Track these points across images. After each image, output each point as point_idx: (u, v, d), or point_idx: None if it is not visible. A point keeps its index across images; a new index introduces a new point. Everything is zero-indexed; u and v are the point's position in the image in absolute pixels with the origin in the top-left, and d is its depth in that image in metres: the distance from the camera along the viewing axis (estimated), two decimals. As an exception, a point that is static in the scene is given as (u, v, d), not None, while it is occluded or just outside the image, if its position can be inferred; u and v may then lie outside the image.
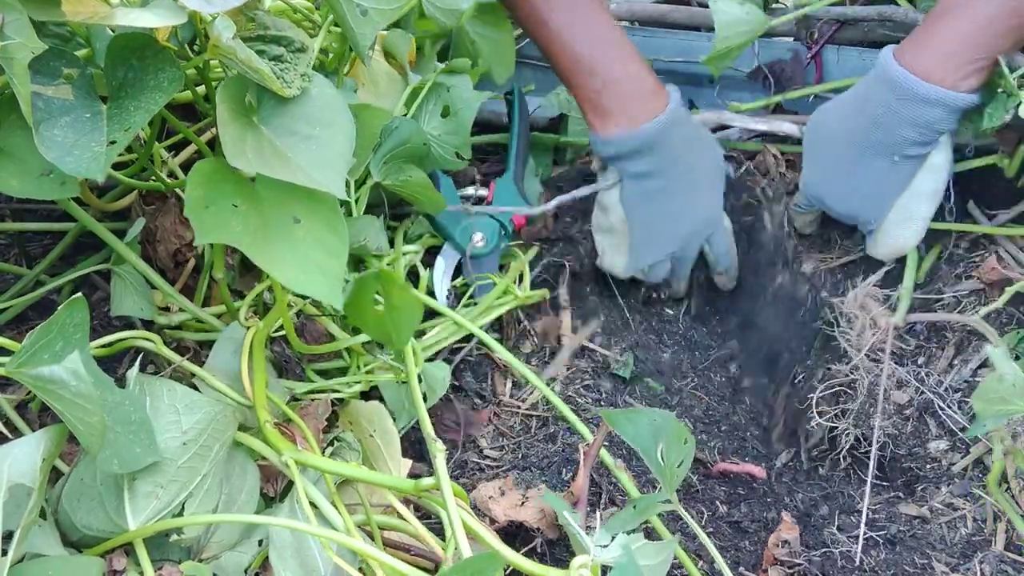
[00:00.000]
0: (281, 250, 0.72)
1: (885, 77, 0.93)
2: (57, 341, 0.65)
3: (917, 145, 0.92)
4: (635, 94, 1.00)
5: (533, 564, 0.70)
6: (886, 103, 0.92)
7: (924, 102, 0.90)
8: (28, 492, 0.65)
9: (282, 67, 0.73)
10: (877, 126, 0.94)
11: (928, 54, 0.90)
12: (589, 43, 1.00)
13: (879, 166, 0.95)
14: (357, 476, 0.76)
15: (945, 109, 0.90)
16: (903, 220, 0.98)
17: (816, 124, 1.04)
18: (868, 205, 0.99)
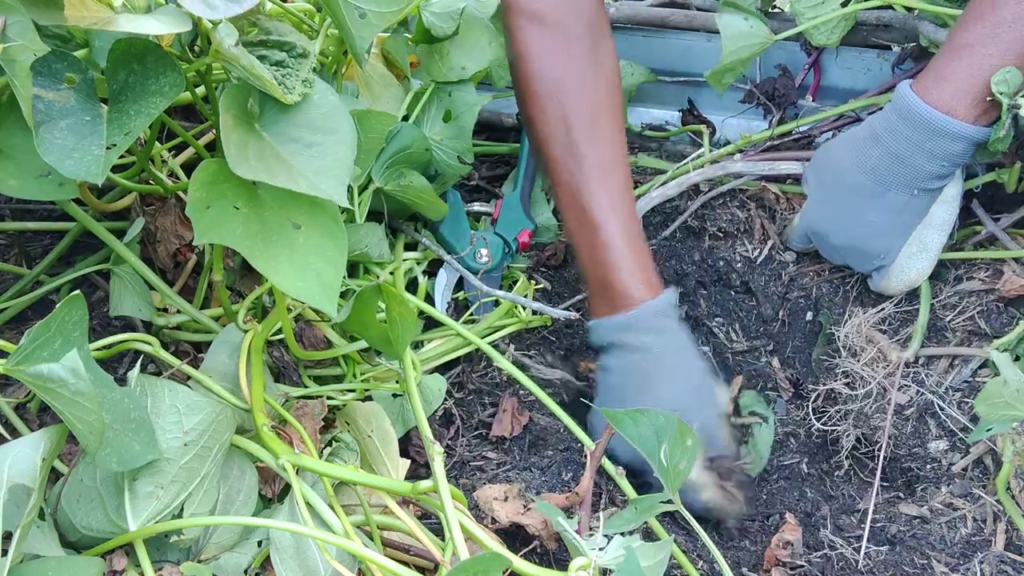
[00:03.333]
0: (279, 255, 0.72)
1: (907, 113, 0.93)
2: (56, 339, 0.65)
3: (937, 179, 0.93)
4: (623, 288, 0.96)
5: (531, 566, 0.70)
6: (908, 139, 0.93)
7: (951, 138, 0.91)
8: (28, 492, 0.65)
9: (284, 73, 0.73)
10: (898, 161, 0.94)
11: (950, 90, 0.91)
12: (586, 240, 0.98)
13: (898, 199, 0.95)
14: (354, 479, 0.76)
15: (968, 143, 0.91)
16: (916, 252, 0.98)
17: (823, 159, 1.03)
18: (883, 238, 0.98)
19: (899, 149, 0.94)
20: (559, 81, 0.97)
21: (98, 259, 1.01)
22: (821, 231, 1.03)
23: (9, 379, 0.90)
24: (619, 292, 0.96)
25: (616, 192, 0.97)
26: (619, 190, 0.97)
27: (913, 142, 0.92)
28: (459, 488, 0.90)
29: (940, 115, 0.90)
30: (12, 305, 0.95)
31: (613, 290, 0.96)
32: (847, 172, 0.99)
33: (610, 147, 0.97)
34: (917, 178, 0.93)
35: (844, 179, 0.99)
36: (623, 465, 0.91)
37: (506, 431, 0.99)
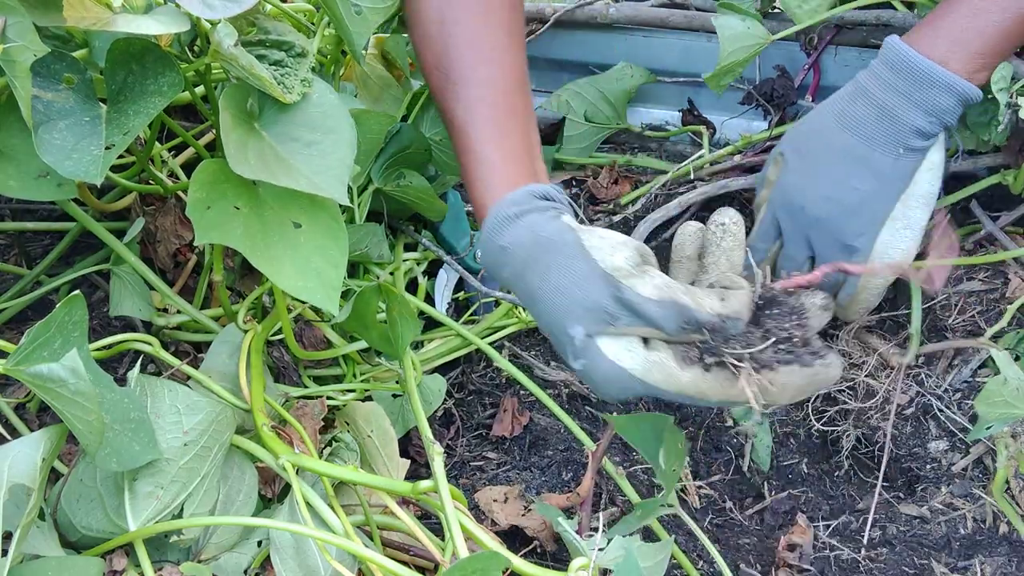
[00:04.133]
0: (280, 254, 0.73)
1: (897, 63, 0.88)
2: (56, 339, 0.65)
3: (923, 136, 0.88)
4: (487, 184, 0.81)
5: (531, 566, 0.70)
6: (897, 89, 0.88)
7: (941, 89, 0.86)
8: (28, 492, 0.65)
9: (283, 72, 0.73)
10: (885, 114, 0.88)
11: (944, 42, 0.87)
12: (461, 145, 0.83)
13: (884, 161, 0.89)
14: (354, 479, 0.76)
15: (958, 99, 0.86)
16: (901, 229, 0.90)
17: (803, 126, 0.95)
18: (866, 208, 0.89)
19: (887, 100, 0.88)
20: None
21: (98, 259, 1.01)
22: (796, 203, 0.91)
23: (9, 379, 0.90)
24: (477, 196, 0.80)
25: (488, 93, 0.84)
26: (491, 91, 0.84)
27: (901, 92, 0.88)
28: (459, 488, 0.90)
29: (932, 64, 0.86)
30: (12, 305, 0.95)
31: (473, 197, 0.81)
32: (830, 133, 0.91)
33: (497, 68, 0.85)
34: (904, 133, 0.88)
35: (827, 141, 0.91)
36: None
37: (506, 431, 0.99)
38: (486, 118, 0.84)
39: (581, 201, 1.25)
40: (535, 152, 0.84)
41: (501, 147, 0.82)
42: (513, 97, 0.86)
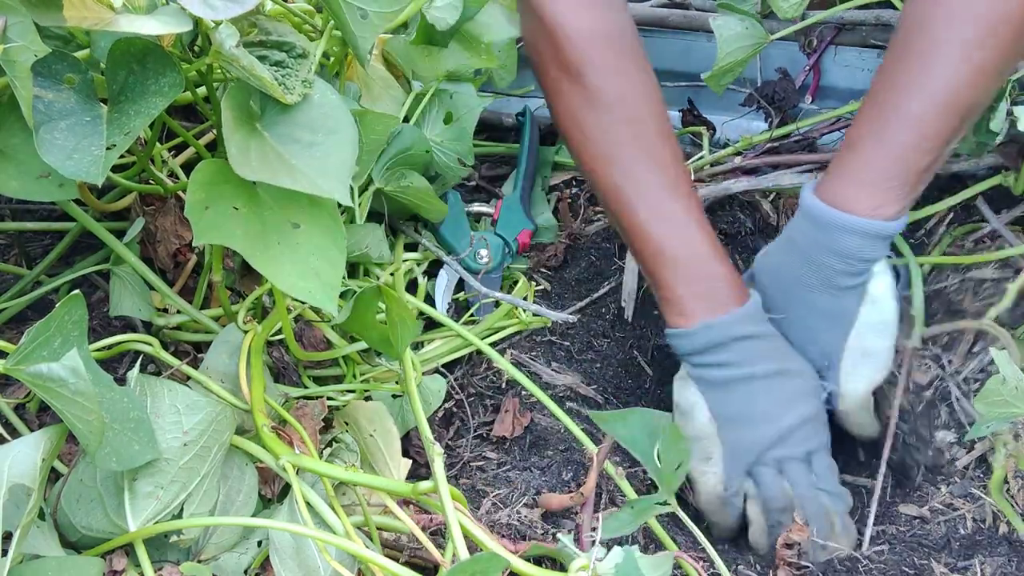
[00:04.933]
0: (279, 255, 0.73)
1: (805, 212, 0.92)
2: (55, 338, 0.65)
3: (847, 275, 0.90)
4: (721, 289, 0.92)
5: (531, 566, 0.70)
6: (812, 237, 0.91)
7: (843, 231, 0.89)
8: (27, 492, 0.65)
9: (283, 73, 0.73)
10: (806, 261, 0.92)
11: (842, 185, 0.90)
12: (668, 230, 0.93)
13: (821, 299, 0.92)
14: (354, 480, 0.76)
15: (863, 236, 0.88)
16: (861, 359, 0.93)
17: (760, 272, 0.99)
18: (821, 340, 0.94)
19: (805, 250, 0.92)
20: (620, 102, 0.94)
21: (98, 259, 1.01)
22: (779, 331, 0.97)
23: (9, 379, 0.90)
24: (727, 289, 0.92)
25: (686, 180, 0.95)
26: (687, 179, 0.96)
27: (815, 241, 0.91)
28: (459, 488, 0.90)
29: (828, 208, 0.89)
30: (12, 305, 0.96)
31: (719, 288, 0.92)
32: (779, 277, 0.96)
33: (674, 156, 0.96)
34: (829, 277, 0.91)
35: (776, 285, 0.96)
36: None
37: (507, 431, 0.99)
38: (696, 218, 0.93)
39: (581, 201, 1.25)
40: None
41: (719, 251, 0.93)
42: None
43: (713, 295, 0.91)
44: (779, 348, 0.93)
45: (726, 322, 0.90)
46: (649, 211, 0.92)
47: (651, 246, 0.93)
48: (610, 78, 0.93)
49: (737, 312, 0.91)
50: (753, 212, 1.17)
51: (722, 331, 0.90)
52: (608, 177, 0.93)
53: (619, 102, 0.94)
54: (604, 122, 0.93)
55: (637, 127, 0.94)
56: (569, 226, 1.20)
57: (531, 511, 0.89)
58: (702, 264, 0.92)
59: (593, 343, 1.10)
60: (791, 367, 0.92)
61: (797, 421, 0.90)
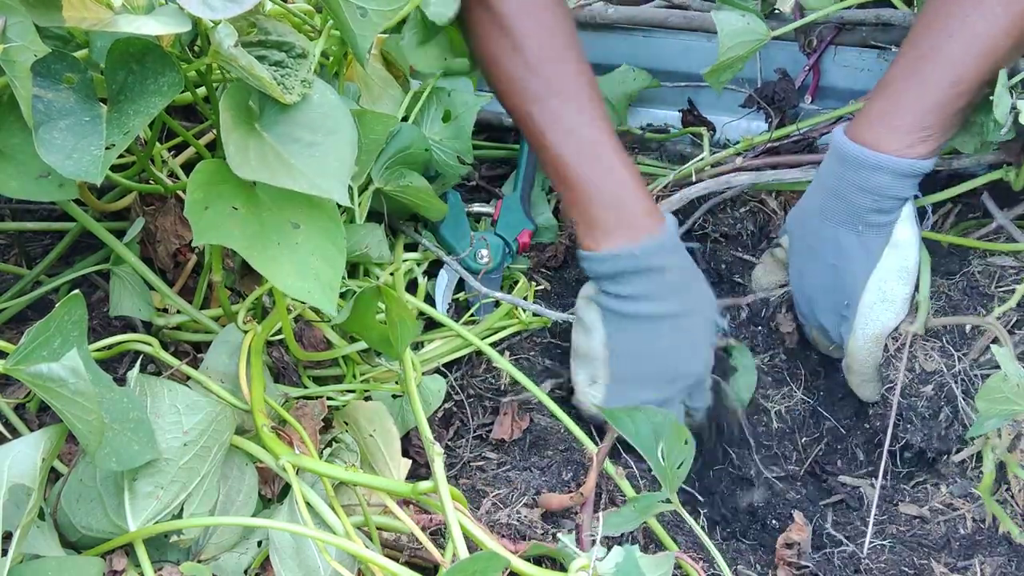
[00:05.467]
0: (278, 255, 0.73)
1: (837, 152, 0.96)
2: (55, 338, 0.65)
3: (875, 213, 0.94)
4: (631, 214, 0.94)
5: (531, 566, 0.70)
6: (841, 175, 0.95)
7: (873, 169, 0.92)
8: (27, 492, 0.65)
9: (283, 73, 0.73)
10: (836, 197, 0.95)
11: (874, 125, 0.93)
12: (585, 162, 0.95)
13: (847, 239, 0.96)
14: (354, 480, 0.76)
15: (893, 175, 0.92)
16: (878, 301, 0.95)
17: (790, 220, 1.04)
18: (845, 282, 0.97)
19: (834, 186, 0.95)
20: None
21: (98, 259, 1.01)
22: (798, 281, 1.02)
23: (9, 379, 0.90)
24: (638, 215, 0.94)
25: (600, 113, 0.97)
26: (603, 112, 0.97)
27: (845, 178, 0.94)
28: (459, 488, 0.90)
29: (859, 147, 0.93)
30: (12, 305, 0.96)
31: (629, 213, 0.93)
32: (809, 217, 1.00)
33: (582, 74, 0.97)
34: (855, 214, 0.94)
35: (809, 225, 1.00)
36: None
37: (506, 434, 0.99)
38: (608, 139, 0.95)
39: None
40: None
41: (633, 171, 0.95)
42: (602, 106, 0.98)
43: (624, 222, 0.93)
44: (685, 282, 0.95)
45: (633, 252, 0.92)
46: (563, 136, 0.94)
47: (566, 170, 0.94)
48: (522, 16, 0.95)
49: (646, 242, 0.92)
50: (755, 214, 1.17)
51: (629, 261, 0.92)
52: (523, 105, 0.96)
53: (530, 36, 0.95)
54: (517, 56, 0.95)
55: (551, 62, 0.96)
56: (570, 226, 1.20)
57: (531, 511, 0.89)
58: (615, 190, 0.94)
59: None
60: (692, 307, 0.95)
61: (681, 376, 0.94)
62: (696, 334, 0.95)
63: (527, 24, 0.95)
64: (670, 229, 0.95)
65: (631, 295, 0.93)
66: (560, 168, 0.95)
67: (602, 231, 0.93)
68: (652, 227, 0.93)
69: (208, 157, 0.87)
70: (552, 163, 0.95)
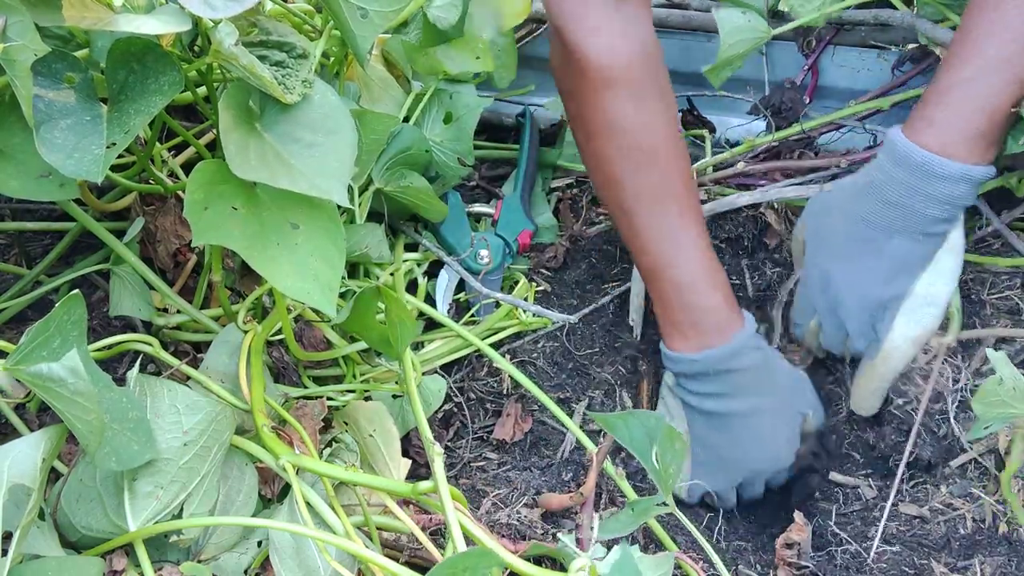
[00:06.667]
0: (278, 255, 0.73)
1: (902, 159, 0.90)
2: (55, 338, 0.65)
3: (939, 222, 0.90)
4: (713, 320, 0.94)
5: (530, 566, 0.70)
6: (906, 184, 0.90)
7: (950, 180, 0.88)
8: (27, 492, 0.65)
9: (284, 73, 0.73)
10: (896, 208, 0.91)
11: (943, 132, 0.89)
12: (675, 251, 0.94)
13: (901, 245, 0.92)
14: (355, 480, 0.76)
15: (970, 184, 0.88)
16: (923, 306, 0.93)
17: (818, 209, 0.99)
18: (889, 286, 0.93)
19: (897, 196, 0.91)
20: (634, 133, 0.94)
21: (98, 259, 1.01)
22: (824, 286, 0.97)
23: (8, 379, 0.90)
24: (719, 320, 0.94)
25: (696, 216, 0.96)
26: (698, 215, 0.97)
27: (911, 187, 0.90)
28: (459, 488, 0.90)
29: (936, 157, 0.88)
30: (12, 305, 0.96)
31: (711, 319, 0.94)
32: (844, 222, 0.95)
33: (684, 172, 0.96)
34: (920, 223, 0.90)
35: (842, 230, 0.96)
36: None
37: (508, 435, 0.99)
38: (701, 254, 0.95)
39: (583, 203, 1.25)
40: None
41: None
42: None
43: (705, 326, 0.94)
44: (761, 381, 0.95)
45: (713, 356, 0.93)
46: (657, 235, 0.94)
47: (655, 271, 0.95)
48: (628, 105, 0.92)
49: (723, 348, 0.93)
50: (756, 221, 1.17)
51: (706, 365, 0.93)
52: (620, 200, 0.95)
53: (637, 129, 0.93)
54: (618, 146, 0.93)
55: (651, 153, 0.94)
56: (570, 227, 1.20)
57: (531, 511, 0.89)
58: (700, 294, 0.94)
59: (595, 343, 1.10)
60: (768, 404, 0.95)
61: (757, 467, 0.96)
62: (773, 430, 0.96)
63: (632, 119, 0.93)
64: (748, 330, 0.95)
65: (708, 393, 0.94)
66: (653, 267, 0.95)
67: (682, 334, 0.95)
68: (730, 330, 0.94)
69: (208, 157, 0.87)
70: (643, 257, 0.96)
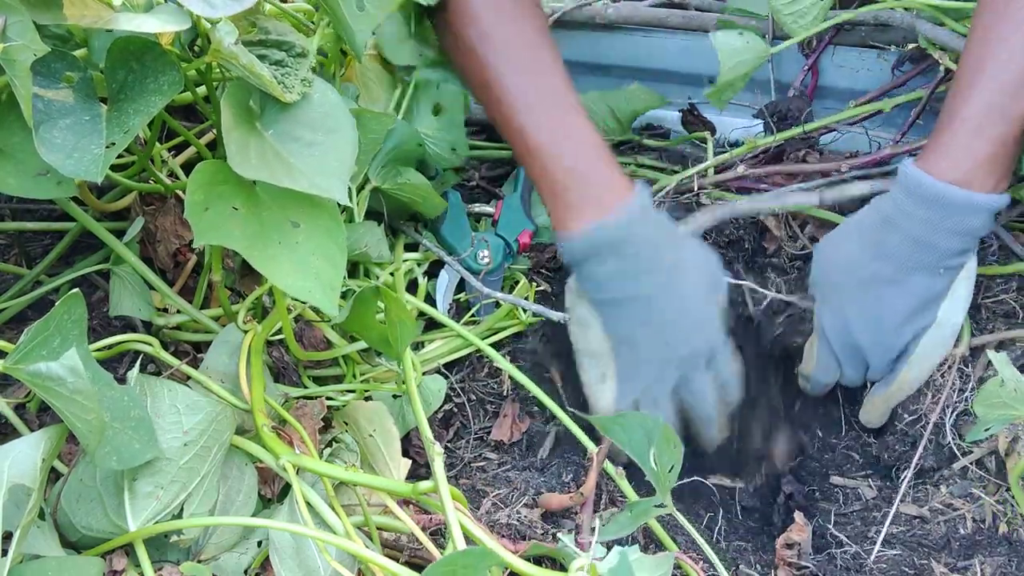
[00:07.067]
0: (279, 254, 0.73)
1: (919, 193, 0.87)
2: (55, 338, 0.65)
3: (959, 255, 0.88)
4: (597, 189, 0.89)
5: (530, 566, 0.70)
6: (926, 220, 0.87)
7: (971, 211, 0.86)
8: (27, 492, 0.65)
9: (283, 72, 0.73)
10: (919, 245, 0.88)
11: (961, 163, 0.86)
12: (551, 129, 0.90)
13: (921, 283, 0.89)
14: (355, 480, 0.76)
15: (988, 214, 0.87)
16: (941, 333, 0.91)
17: (828, 255, 0.95)
18: (912, 324, 0.91)
19: (918, 233, 0.88)
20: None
21: (98, 259, 1.01)
22: (844, 333, 0.93)
23: (8, 378, 0.90)
24: (603, 189, 0.88)
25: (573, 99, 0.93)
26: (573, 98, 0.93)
27: (932, 223, 0.87)
28: (459, 488, 0.90)
29: (958, 190, 0.85)
30: (12, 305, 0.95)
31: (595, 188, 0.88)
32: (862, 263, 0.91)
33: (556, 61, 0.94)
34: (941, 258, 0.88)
35: (859, 271, 0.91)
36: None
37: (505, 436, 0.99)
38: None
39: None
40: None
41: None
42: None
43: (596, 198, 0.88)
44: (664, 253, 0.89)
45: (609, 225, 0.87)
46: (530, 119, 0.90)
47: (533, 153, 0.90)
48: (492, 14, 0.93)
49: (615, 215, 0.87)
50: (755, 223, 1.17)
51: (600, 235, 0.87)
52: (491, 92, 0.92)
53: (510, 35, 0.93)
54: (489, 51, 0.92)
55: (514, 51, 0.93)
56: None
57: (531, 511, 0.89)
58: (580, 166, 0.89)
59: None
60: (680, 277, 0.89)
61: (689, 350, 0.89)
62: (691, 303, 0.90)
63: (499, 35, 0.93)
64: (640, 199, 0.89)
65: (610, 276, 0.88)
66: (531, 151, 0.91)
67: (572, 212, 0.88)
68: (625, 198, 0.88)
69: (208, 157, 0.87)
70: (519, 144, 0.92)
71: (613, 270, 0.88)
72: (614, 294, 0.89)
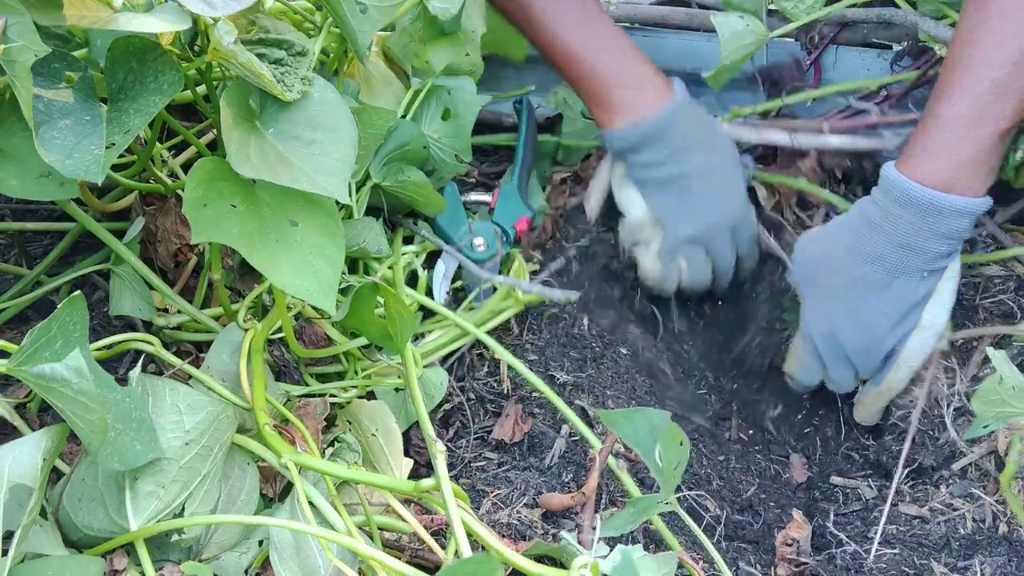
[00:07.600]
0: (277, 252, 0.73)
1: (903, 197, 0.88)
2: (57, 339, 0.65)
3: (944, 257, 0.90)
4: (640, 87, 1.03)
5: (533, 564, 0.70)
6: (911, 223, 0.88)
7: (956, 214, 0.87)
8: (29, 492, 0.65)
9: (283, 71, 0.73)
10: (905, 248, 0.90)
11: (945, 166, 0.87)
12: (587, 40, 1.03)
13: (907, 285, 0.91)
14: (357, 478, 0.76)
15: (971, 216, 0.87)
16: (926, 333, 0.93)
17: (810, 255, 0.98)
18: (899, 328, 0.93)
19: (903, 237, 0.89)
20: None
21: (98, 259, 1.01)
22: (827, 334, 0.95)
23: (9, 379, 0.90)
24: (652, 83, 1.03)
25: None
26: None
27: (917, 226, 0.88)
28: (460, 487, 0.90)
29: (939, 194, 0.87)
30: (12, 305, 0.95)
31: (637, 87, 1.03)
32: (846, 265, 0.93)
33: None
34: (927, 261, 0.89)
35: (845, 275, 0.93)
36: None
37: (507, 435, 0.99)
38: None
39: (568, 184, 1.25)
40: None
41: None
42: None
43: (638, 94, 1.03)
44: (703, 137, 1.05)
45: (648, 120, 1.01)
46: (570, 30, 1.03)
47: (575, 59, 1.03)
48: None
49: (659, 110, 1.02)
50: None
51: (646, 129, 1.02)
52: (531, 11, 1.04)
53: None
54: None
55: None
56: (557, 203, 1.20)
57: (531, 511, 0.88)
58: (625, 68, 1.03)
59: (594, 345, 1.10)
60: (715, 157, 1.05)
61: (721, 217, 1.04)
62: (724, 178, 1.05)
63: None
64: (679, 93, 1.03)
65: (655, 161, 1.02)
66: (563, 49, 1.03)
67: (621, 109, 1.02)
68: (662, 95, 1.02)
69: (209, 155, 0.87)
70: (554, 44, 1.04)
71: (659, 156, 1.02)
72: (661, 174, 1.03)
